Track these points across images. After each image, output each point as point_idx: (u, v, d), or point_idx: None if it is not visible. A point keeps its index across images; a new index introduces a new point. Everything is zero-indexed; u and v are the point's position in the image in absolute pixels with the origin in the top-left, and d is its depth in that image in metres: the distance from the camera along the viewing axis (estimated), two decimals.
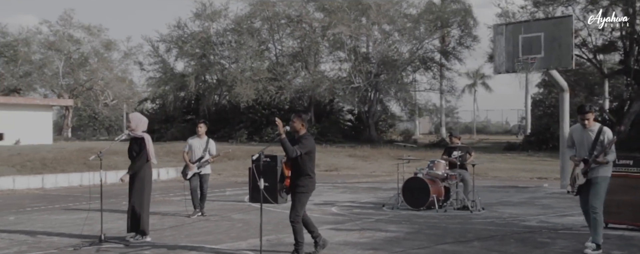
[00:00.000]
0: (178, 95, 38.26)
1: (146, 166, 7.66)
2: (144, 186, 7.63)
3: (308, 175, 6.64)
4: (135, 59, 47.92)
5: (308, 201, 6.91)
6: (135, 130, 7.62)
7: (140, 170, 7.61)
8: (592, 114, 7.30)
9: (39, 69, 46.47)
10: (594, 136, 7.17)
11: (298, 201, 6.60)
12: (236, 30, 37.99)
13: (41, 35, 46.87)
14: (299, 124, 6.69)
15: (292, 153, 6.44)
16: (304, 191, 6.63)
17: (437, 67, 37.80)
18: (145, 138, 7.58)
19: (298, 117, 6.74)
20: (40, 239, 7.90)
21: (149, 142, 7.60)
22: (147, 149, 7.57)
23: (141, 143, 7.56)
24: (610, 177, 7.24)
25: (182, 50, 39.15)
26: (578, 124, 7.42)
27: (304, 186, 6.61)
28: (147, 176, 7.68)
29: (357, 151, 27.16)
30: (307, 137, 6.65)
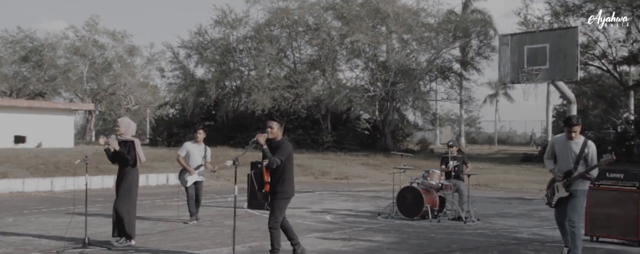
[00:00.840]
0: (198, 101, 38.67)
1: (133, 170, 7.81)
2: (131, 190, 7.78)
3: (287, 180, 6.70)
4: (158, 65, 48.64)
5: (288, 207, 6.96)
6: (124, 134, 7.78)
7: (128, 174, 7.74)
8: (579, 127, 7.24)
9: (63, 74, 47.43)
10: (579, 149, 7.11)
11: (277, 207, 6.67)
12: (255, 37, 38.32)
13: (67, 41, 47.92)
14: (277, 130, 6.74)
15: (273, 163, 6.52)
16: (283, 197, 6.70)
17: (455, 77, 37.60)
18: (134, 141, 7.73)
19: (276, 122, 6.78)
20: (29, 241, 8.09)
21: (138, 146, 7.75)
22: (137, 151, 7.71)
23: (130, 146, 7.70)
24: (587, 190, 7.19)
25: (202, 56, 39.61)
26: (561, 135, 7.36)
27: (283, 192, 6.69)
28: (134, 180, 7.83)
29: (370, 160, 27.13)
30: (284, 143, 6.73)
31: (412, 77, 34.85)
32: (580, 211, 7.11)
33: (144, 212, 11.65)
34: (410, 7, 35.33)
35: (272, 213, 6.68)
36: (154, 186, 18.31)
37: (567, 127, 7.22)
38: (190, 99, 38.14)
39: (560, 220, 7.31)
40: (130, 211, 7.75)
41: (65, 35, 47.92)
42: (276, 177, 6.65)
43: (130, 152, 7.68)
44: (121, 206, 7.69)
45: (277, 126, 6.75)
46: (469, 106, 41.80)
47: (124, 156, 7.66)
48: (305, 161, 25.43)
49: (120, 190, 7.76)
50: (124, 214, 7.66)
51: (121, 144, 7.73)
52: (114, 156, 7.70)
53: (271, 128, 6.72)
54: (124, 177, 7.76)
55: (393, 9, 34.27)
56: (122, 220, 7.67)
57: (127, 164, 7.69)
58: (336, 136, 34.82)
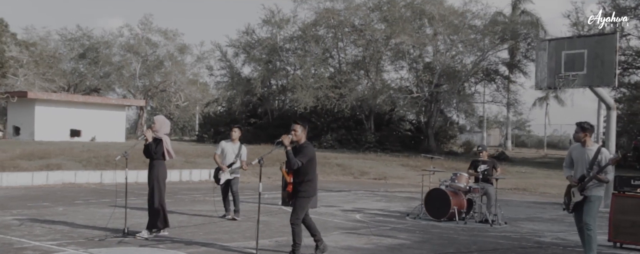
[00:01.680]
0: (243, 99, 39.52)
1: (161, 165, 8.35)
2: (159, 183, 8.33)
3: (309, 181, 7.12)
4: (207, 64, 49.84)
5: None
6: (157, 131, 8.35)
7: (155, 168, 8.29)
8: (583, 132, 7.43)
9: (117, 71, 49.12)
10: (592, 155, 7.32)
11: (299, 205, 7.08)
12: (302, 37, 38.90)
13: (122, 39, 49.58)
14: (301, 133, 7.16)
15: (294, 165, 6.94)
16: (304, 195, 7.10)
17: (501, 80, 37.26)
18: (164, 139, 8.29)
19: (300, 126, 7.20)
20: (75, 229, 8.77)
21: (167, 143, 8.31)
22: (165, 147, 8.27)
23: (160, 143, 8.27)
24: (602, 197, 7.38)
25: (249, 55, 40.46)
26: (578, 143, 7.57)
27: (304, 191, 7.09)
28: (161, 173, 8.38)
29: (411, 161, 27.29)
30: (307, 146, 7.13)
31: (457, 79, 34.75)
32: (594, 216, 7.30)
33: (183, 206, 12.30)
34: (457, 9, 35.23)
35: (294, 210, 7.10)
36: (196, 181, 19.03)
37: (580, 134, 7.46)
38: (237, 97, 39.03)
39: (580, 226, 7.52)
40: (162, 202, 8.30)
41: (120, 33, 49.65)
42: (299, 179, 7.08)
43: (157, 147, 8.24)
44: (152, 198, 8.27)
45: (301, 129, 7.16)
46: (517, 109, 41.37)
47: (151, 149, 8.24)
48: (345, 161, 25.82)
49: (150, 183, 8.34)
50: (155, 207, 8.22)
51: (153, 140, 8.31)
52: (145, 148, 8.30)
53: (295, 131, 7.14)
54: (152, 171, 8.33)
55: (438, 10, 34.26)
56: (153, 212, 8.24)
57: (152, 157, 8.27)
58: (379, 136, 35.06)
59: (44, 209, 11.03)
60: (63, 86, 48.02)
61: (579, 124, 7.51)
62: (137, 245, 7.65)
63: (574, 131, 7.65)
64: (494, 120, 70.77)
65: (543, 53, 14.63)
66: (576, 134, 7.53)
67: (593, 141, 7.55)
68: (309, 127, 31.28)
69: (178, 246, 7.62)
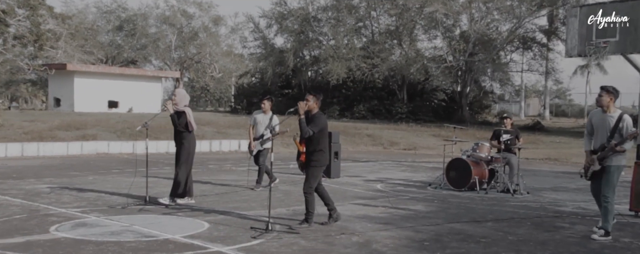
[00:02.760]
0: (276, 70, 39.69)
1: (190, 136, 8.56)
2: (189, 155, 8.54)
3: (321, 150, 7.19)
4: (241, 35, 50.08)
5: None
6: (178, 105, 8.53)
7: (185, 141, 8.50)
8: (606, 94, 7.20)
9: (153, 43, 49.79)
10: (614, 122, 7.15)
11: (311, 174, 7.19)
12: (335, 7, 38.63)
13: (158, 10, 50.11)
14: (313, 103, 7.24)
15: (306, 133, 7.04)
16: (316, 165, 7.19)
17: (538, 48, 36.41)
18: (186, 112, 8.48)
19: (313, 96, 7.27)
20: (101, 197, 9.11)
21: (190, 115, 8.49)
22: (189, 120, 8.46)
23: (182, 114, 8.45)
24: (623, 166, 7.24)
25: (282, 26, 40.44)
26: (598, 108, 7.39)
27: (317, 161, 7.18)
28: (191, 146, 8.58)
29: (442, 131, 27.08)
30: (319, 116, 7.21)
31: (492, 47, 34.14)
32: (613, 187, 7.19)
33: (211, 175, 12.59)
34: None
35: (306, 179, 7.22)
36: (227, 151, 19.38)
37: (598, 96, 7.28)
38: (269, 69, 39.20)
39: (595, 193, 7.44)
40: (188, 172, 8.53)
41: (156, 4, 50.24)
42: (311, 148, 7.16)
43: (180, 119, 8.43)
44: (183, 170, 8.48)
45: (314, 99, 7.23)
46: (556, 78, 40.49)
47: (175, 121, 8.44)
48: (375, 131, 25.83)
49: (180, 155, 8.54)
50: (181, 177, 8.45)
51: (175, 113, 8.49)
52: (172, 120, 8.51)
53: (308, 100, 7.21)
54: (182, 143, 8.54)
55: None
56: (179, 183, 8.47)
57: (176, 127, 8.48)
58: (411, 107, 34.87)
59: (76, 178, 11.45)
60: (101, 58, 48.97)
61: (603, 87, 7.27)
62: (158, 213, 7.91)
63: (597, 95, 7.42)
64: (533, 89, 69.42)
65: (574, 20, 14.29)
66: (599, 98, 7.29)
67: (616, 107, 7.34)
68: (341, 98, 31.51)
69: (196, 214, 7.85)
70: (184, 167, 8.52)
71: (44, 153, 15.81)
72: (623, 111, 7.31)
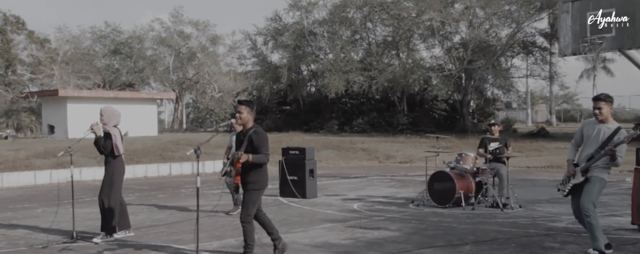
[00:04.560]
0: (273, 87, 38.86)
1: (116, 161, 7.52)
2: (113, 182, 7.49)
3: (259, 170, 6.09)
4: (240, 53, 49.33)
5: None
6: (106, 124, 7.55)
7: (109, 166, 7.51)
8: (606, 104, 6.21)
9: (151, 65, 49.16)
10: (609, 134, 6.14)
11: (249, 199, 6.09)
12: (330, 20, 37.82)
13: (153, 32, 49.57)
14: (247, 115, 6.17)
15: (267, 160, 6.03)
16: (254, 188, 6.09)
17: (539, 52, 35.25)
18: (112, 133, 7.47)
19: (245, 106, 6.17)
20: (29, 234, 8.10)
21: (116, 137, 7.48)
22: (115, 143, 7.45)
23: (109, 137, 7.46)
24: (606, 182, 6.20)
25: (277, 42, 39.68)
26: (592, 118, 6.39)
27: (254, 183, 6.08)
28: (116, 171, 7.53)
29: (442, 142, 25.94)
30: (260, 133, 6.07)
31: (491, 53, 33.07)
32: (594, 199, 6.17)
33: (179, 201, 11.59)
34: None
35: (243, 206, 6.13)
36: (210, 173, 18.39)
37: (593, 103, 6.29)
38: (266, 86, 38.36)
39: (577, 211, 6.43)
40: (113, 203, 7.45)
41: (151, 27, 49.68)
42: (247, 167, 6.04)
43: (106, 142, 7.44)
44: (102, 198, 7.47)
45: (247, 111, 6.17)
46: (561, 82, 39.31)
47: (99, 144, 7.45)
48: (371, 145, 24.77)
49: (103, 181, 7.54)
50: (106, 207, 7.43)
51: (104, 134, 7.51)
52: (95, 143, 7.51)
53: (240, 113, 6.17)
54: (107, 168, 7.54)
55: None
56: (104, 213, 7.46)
57: (101, 152, 7.50)
58: (412, 118, 33.81)
59: (21, 211, 10.48)
60: (98, 82, 48.42)
61: (599, 98, 6.25)
62: (82, 252, 6.88)
63: (593, 107, 6.36)
64: (540, 95, 67.94)
65: (566, 16, 13.26)
66: (598, 111, 6.19)
67: (612, 118, 6.31)
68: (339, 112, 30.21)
69: (126, 252, 6.82)
70: (110, 196, 7.45)
71: (8, 184, 14.90)
72: (620, 125, 6.28)
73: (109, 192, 7.45)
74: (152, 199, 11.99)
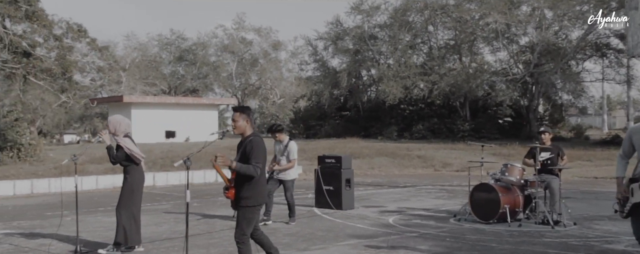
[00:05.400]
0: (332, 92, 38.41)
1: (135, 170, 7.16)
2: (131, 192, 7.13)
3: (255, 183, 5.45)
4: (302, 59, 49.25)
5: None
6: (115, 134, 7.18)
7: (128, 175, 7.13)
8: None
9: (214, 71, 49.81)
10: None
11: (243, 216, 5.47)
12: (391, 24, 37.01)
13: (216, 39, 50.26)
14: (243, 123, 5.58)
15: (255, 173, 5.33)
16: (249, 204, 5.45)
17: (613, 54, 33.08)
18: (123, 142, 7.07)
19: (240, 114, 5.58)
20: (43, 245, 7.86)
21: (129, 146, 7.07)
22: (132, 153, 7.05)
23: (120, 148, 7.07)
24: None
25: (337, 46, 39.22)
26: None
27: (248, 199, 5.44)
28: (135, 181, 7.16)
29: (504, 150, 24.64)
30: (255, 143, 5.44)
31: (560, 57, 31.28)
32: None
33: (212, 209, 11.23)
34: None
35: (237, 223, 5.51)
36: None
37: None
38: (325, 91, 37.93)
39: (638, 235, 5.47)
40: (128, 216, 7.06)
41: (214, 34, 50.37)
42: (241, 180, 5.46)
43: (118, 152, 7.05)
44: (119, 210, 7.08)
45: (243, 119, 5.58)
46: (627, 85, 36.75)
47: (111, 154, 7.08)
48: (428, 152, 23.79)
49: (121, 192, 7.16)
50: (120, 220, 7.04)
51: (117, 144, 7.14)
52: (108, 153, 7.14)
53: (235, 121, 5.59)
54: (125, 177, 7.17)
55: None
56: (117, 226, 7.06)
57: (114, 161, 7.11)
58: (474, 124, 32.46)
59: (51, 219, 10.34)
60: (164, 89, 49.53)
61: None
62: None
63: None
64: (618, 100, 64.34)
65: (634, 13, 12.02)
66: None
67: None
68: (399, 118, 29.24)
69: None
70: (126, 208, 7.08)
71: (55, 189, 15.02)
72: None
73: (125, 203, 7.07)
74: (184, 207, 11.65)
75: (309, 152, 21.79)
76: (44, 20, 19.06)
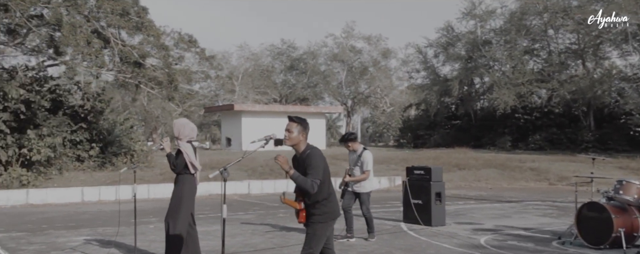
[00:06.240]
0: (442, 100, 37.02)
1: (187, 179, 6.66)
2: (181, 203, 6.61)
3: (325, 199, 4.89)
4: (413, 67, 48.16)
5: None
6: (178, 138, 6.79)
7: (180, 184, 6.69)
8: None
9: (324, 79, 49.93)
10: None
11: (312, 233, 4.87)
12: (507, 29, 35.10)
13: (326, 48, 50.39)
14: (298, 135, 4.97)
15: (311, 189, 4.74)
16: (320, 220, 4.87)
17: None
18: (182, 150, 6.65)
19: (297, 124, 4.97)
20: None
21: (188, 154, 6.65)
22: (190, 161, 6.63)
23: (180, 154, 6.66)
24: None
25: (448, 53, 37.82)
26: None
27: (320, 215, 4.87)
28: (186, 191, 6.66)
29: (632, 163, 22.25)
30: (314, 156, 4.86)
31: None
32: None
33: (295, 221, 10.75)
34: None
35: (306, 241, 4.89)
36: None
37: None
38: (434, 99, 36.63)
39: None
40: (180, 229, 6.55)
41: (324, 43, 50.54)
42: (312, 198, 4.87)
43: (178, 159, 6.65)
44: (168, 221, 6.64)
45: (298, 130, 4.96)
46: None
47: (170, 161, 6.70)
48: (542, 164, 21.95)
49: (171, 202, 6.71)
50: (171, 233, 6.58)
51: (176, 151, 6.75)
52: (168, 160, 6.79)
53: (290, 132, 4.97)
54: (176, 187, 6.69)
55: None
56: (170, 240, 6.58)
57: (173, 169, 6.72)
58: (599, 134, 29.77)
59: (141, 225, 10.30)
60: (275, 97, 50.41)
61: None
62: None
63: None
64: None
65: None
66: None
67: None
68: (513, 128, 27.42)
69: None
70: (177, 220, 6.56)
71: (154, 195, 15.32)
72: None
73: (175, 215, 6.61)
74: (269, 218, 11.28)
75: (412, 162, 20.85)
76: (153, 31, 19.62)
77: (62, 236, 9.23)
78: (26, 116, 17.44)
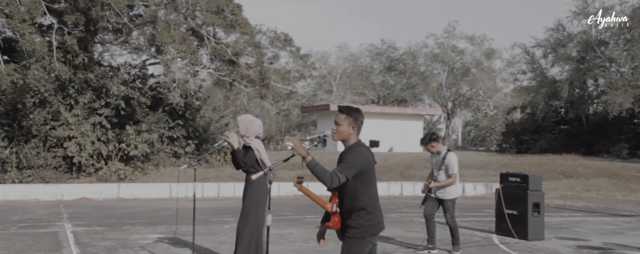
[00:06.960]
0: (549, 103, 34.71)
1: (260, 179, 6.20)
2: (257, 206, 6.08)
3: (363, 209, 4.12)
4: (519, 68, 45.73)
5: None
6: (245, 135, 6.29)
7: (252, 184, 6.16)
8: None
9: (423, 81, 48.56)
10: None
11: (347, 250, 4.15)
12: (628, 27, 32.32)
13: (427, 49, 49.01)
14: (348, 128, 4.25)
15: (329, 181, 3.98)
16: (355, 234, 4.12)
17: None
18: (253, 146, 6.16)
19: (346, 115, 4.26)
20: None
21: (258, 149, 6.15)
22: (259, 157, 6.12)
23: (250, 150, 6.15)
24: None
25: (558, 54, 35.43)
26: None
27: (355, 228, 4.12)
28: (261, 191, 6.16)
29: None
30: (354, 151, 4.15)
31: None
32: None
33: None
34: None
35: None
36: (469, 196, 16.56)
37: None
38: (541, 102, 34.40)
39: None
40: (252, 232, 6.06)
41: (425, 43, 49.21)
42: (347, 206, 4.16)
43: (247, 156, 6.13)
44: (240, 225, 6.15)
45: (348, 122, 4.25)
46: None
47: (238, 158, 6.19)
48: None
49: (243, 205, 6.23)
50: (242, 238, 6.09)
51: (243, 147, 6.27)
52: (232, 157, 6.32)
53: (338, 124, 4.27)
54: (247, 188, 6.23)
55: None
56: (242, 244, 6.11)
57: (240, 167, 6.22)
58: None
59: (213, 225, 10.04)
60: (373, 98, 49.68)
61: None
62: None
63: None
64: None
65: None
66: None
67: None
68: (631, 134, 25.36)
69: None
70: (247, 223, 6.07)
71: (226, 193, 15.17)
72: None
73: (247, 218, 6.11)
74: None
75: (513, 168, 19.45)
76: (247, 29, 19.61)
77: (137, 232, 9.10)
78: (126, 112, 17.93)
